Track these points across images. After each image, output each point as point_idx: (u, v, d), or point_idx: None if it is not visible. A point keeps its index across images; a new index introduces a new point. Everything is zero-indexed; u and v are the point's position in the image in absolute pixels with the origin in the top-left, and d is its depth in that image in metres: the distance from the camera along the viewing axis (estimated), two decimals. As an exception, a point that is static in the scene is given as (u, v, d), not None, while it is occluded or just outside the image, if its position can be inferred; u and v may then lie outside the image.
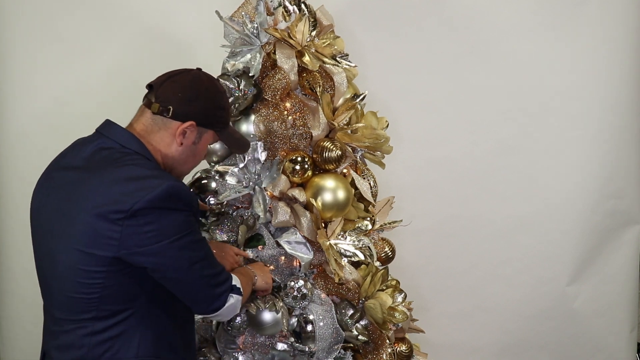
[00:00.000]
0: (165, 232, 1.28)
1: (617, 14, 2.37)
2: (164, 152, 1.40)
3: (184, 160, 1.44)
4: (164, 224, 1.28)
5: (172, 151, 1.41)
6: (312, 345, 1.69)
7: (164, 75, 1.44)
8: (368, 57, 2.19)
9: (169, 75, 1.43)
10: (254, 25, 1.66)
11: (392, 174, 2.06)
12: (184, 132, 1.39)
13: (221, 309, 1.38)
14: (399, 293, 1.80)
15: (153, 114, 1.38)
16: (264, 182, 1.66)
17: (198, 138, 1.43)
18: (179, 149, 1.41)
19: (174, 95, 1.38)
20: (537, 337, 2.57)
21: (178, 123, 1.38)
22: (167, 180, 1.29)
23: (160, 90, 1.39)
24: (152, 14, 2.31)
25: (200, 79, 1.43)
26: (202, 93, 1.41)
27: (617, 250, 2.57)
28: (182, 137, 1.39)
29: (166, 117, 1.38)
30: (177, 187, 1.30)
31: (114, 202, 1.24)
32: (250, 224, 1.67)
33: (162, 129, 1.39)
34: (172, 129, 1.39)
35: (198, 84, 1.41)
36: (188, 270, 1.31)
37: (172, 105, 1.37)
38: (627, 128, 2.49)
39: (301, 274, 1.73)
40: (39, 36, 2.28)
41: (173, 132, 1.39)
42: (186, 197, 1.32)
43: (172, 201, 1.28)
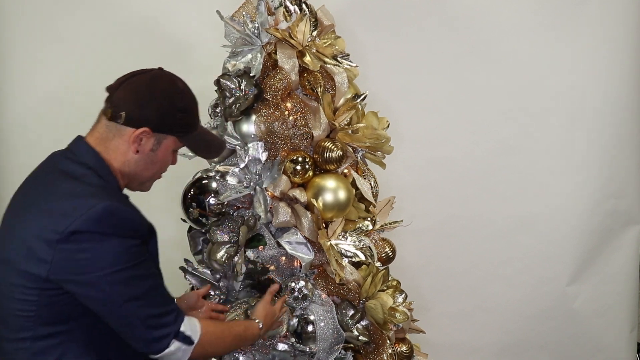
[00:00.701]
0: (100, 262, 1.17)
1: (617, 14, 2.37)
2: (122, 160, 1.31)
3: (143, 168, 1.35)
4: (100, 252, 1.18)
5: (128, 159, 1.32)
6: (312, 346, 1.69)
7: (121, 78, 1.35)
8: (369, 57, 2.18)
9: (126, 77, 1.34)
10: (255, 25, 1.66)
11: (393, 174, 2.06)
12: (139, 139, 1.30)
13: (161, 353, 1.26)
14: (400, 293, 1.80)
15: (107, 120, 1.30)
16: (265, 183, 1.66)
17: (156, 145, 1.33)
18: (135, 157, 1.32)
19: (127, 100, 1.29)
20: (537, 337, 2.58)
21: (131, 130, 1.29)
22: (104, 200, 1.19)
23: (115, 94, 1.31)
24: (152, 14, 2.31)
25: (157, 80, 1.33)
26: (157, 95, 1.31)
27: (617, 250, 2.57)
28: (137, 144, 1.30)
29: (119, 124, 1.29)
30: (114, 209, 1.20)
31: (50, 221, 1.17)
32: (251, 224, 1.67)
33: (117, 136, 1.30)
34: (126, 135, 1.30)
35: (154, 85, 1.32)
36: (121, 307, 1.20)
37: (124, 111, 1.28)
38: (627, 128, 2.49)
39: (302, 275, 1.73)
40: (39, 36, 2.28)
41: (127, 140, 1.30)
42: (127, 220, 1.22)
43: (110, 225, 1.18)
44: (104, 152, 1.30)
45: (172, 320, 1.27)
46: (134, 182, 1.38)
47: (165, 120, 1.32)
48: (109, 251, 1.19)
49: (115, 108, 1.29)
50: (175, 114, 1.33)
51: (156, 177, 1.42)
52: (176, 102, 1.34)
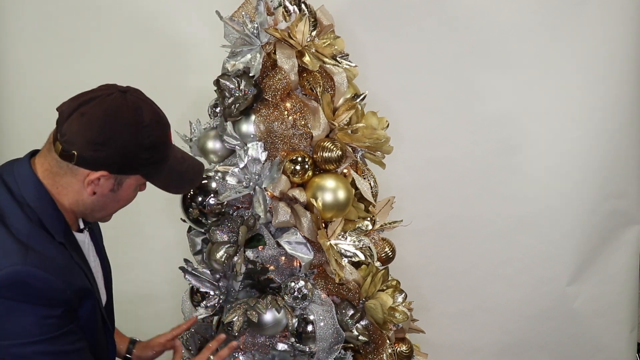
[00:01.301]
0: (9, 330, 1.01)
1: (617, 14, 2.37)
2: (74, 198, 1.13)
3: (101, 207, 1.18)
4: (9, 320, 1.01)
5: (83, 199, 1.14)
6: (312, 346, 1.69)
7: (75, 101, 1.11)
8: (368, 57, 2.18)
9: (79, 102, 1.10)
10: (254, 25, 1.66)
11: (393, 174, 2.06)
12: (97, 181, 1.11)
13: None
14: (400, 293, 1.80)
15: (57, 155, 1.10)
16: (265, 183, 1.66)
17: (117, 186, 1.15)
18: (91, 198, 1.14)
19: (80, 136, 1.07)
20: (537, 337, 2.57)
21: (86, 171, 1.10)
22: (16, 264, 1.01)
23: (65, 125, 1.09)
24: (152, 14, 2.31)
25: (117, 112, 1.09)
26: (117, 132, 1.08)
27: (617, 250, 2.57)
28: (93, 186, 1.12)
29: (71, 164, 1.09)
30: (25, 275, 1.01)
31: None
32: (251, 224, 1.67)
33: (68, 173, 1.11)
34: (79, 176, 1.11)
35: (112, 120, 1.08)
36: None
37: (76, 150, 1.07)
38: (627, 128, 2.49)
39: (301, 274, 1.73)
40: (39, 36, 2.28)
41: (81, 180, 1.11)
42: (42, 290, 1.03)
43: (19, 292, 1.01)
44: (52, 186, 1.12)
45: None
46: (91, 217, 1.22)
47: (127, 161, 1.12)
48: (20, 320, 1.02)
49: (66, 144, 1.08)
50: (140, 153, 1.12)
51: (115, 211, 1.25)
52: (140, 139, 1.11)
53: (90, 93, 1.13)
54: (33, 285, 1.03)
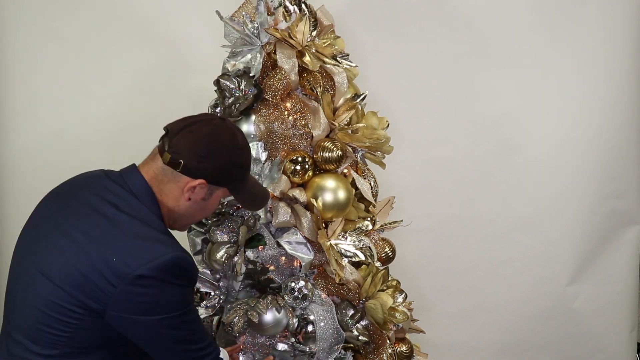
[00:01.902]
0: (159, 307, 1.21)
1: (617, 14, 2.37)
2: (173, 204, 1.33)
3: (191, 214, 1.37)
4: (161, 298, 1.21)
5: (179, 204, 1.33)
6: (312, 346, 1.69)
7: (184, 121, 1.34)
8: (369, 57, 2.18)
9: (188, 122, 1.33)
10: (255, 25, 1.66)
11: (393, 174, 2.06)
12: (193, 189, 1.31)
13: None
14: (400, 293, 1.80)
15: (164, 164, 1.30)
16: (265, 183, 1.66)
17: (208, 195, 1.35)
18: (186, 203, 1.33)
19: (187, 149, 1.28)
20: (537, 337, 2.57)
21: (188, 179, 1.30)
22: (173, 250, 1.22)
23: (175, 139, 1.29)
24: (152, 14, 2.30)
25: (219, 133, 1.32)
26: (218, 150, 1.31)
27: (617, 250, 2.57)
28: (190, 193, 1.31)
29: (176, 171, 1.29)
30: (183, 260, 1.23)
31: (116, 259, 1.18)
32: (251, 224, 1.67)
33: (172, 181, 1.30)
34: (181, 182, 1.30)
35: (216, 138, 1.31)
36: (169, 347, 1.26)
37: (183, 160, 1.27)
38: (627, 128, 2.49)
39: (302, 275, 1.73)
40: (39, 36, 2.28)
41: (182, 187, 1.30)
42: (190, 272, 1.27)
43: (176, 275, 1.22)
44: (158, 192, 1.31)
45: (212, 351, 1.35)
46: (178, 224, 1.40)
47: (221, 174, 1.32)
48: (169, 298, 1.22)
49: (174, 155, 1.28)
50: (232, 169, 1.34)
51: (198, 221, 1.48)
52: (235, 157, 1.34)
53: (196, 117, 1.35)
54: (187, 270, 1.25)
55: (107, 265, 1.18)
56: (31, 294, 1.23)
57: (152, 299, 1.20)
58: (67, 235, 1.23)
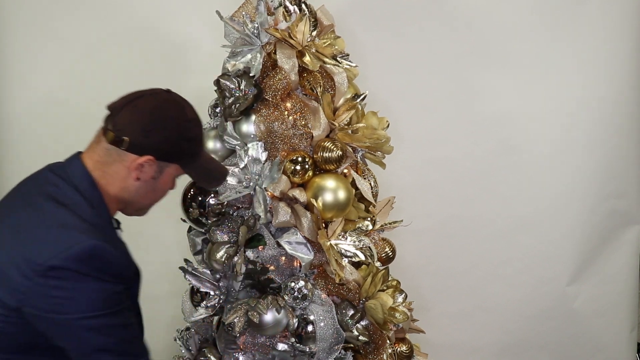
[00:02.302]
0: (74, 304, 1.10)
1: (617, 14, 2.37)
2: (120, 186, 1.24)
3: (142, 195, 1.29)
4: (77, 293, 1.10)
5: (127, 186, 1.25)
6: (312, 346, 1.69)
7: (125, 98, 1.26)
8: (369, 57, 2.18)
9: (131, 98, 1.25)
10: (255, 25, 1.66)
11: (393, 174, 2.06)
12: (141, 167, 1.23)
13: None
14: (400, 293, 1.80)
15: (108, 144, 1.22)
16: (265, 183, 1.66)
17: (158, 173, 1.26)
18: (135, 183, 1.25)
19: (132, 125, 1.21)
20: (537, 337, 2.57)
21: (134, 156, 1.22)
22: (91, 239, 1.12)
23: (118, 116, 1.22)
24: (152, 14, 2.30)
25: (165, 106, 1.25)
26: (164, 123, 1.23)
27: (617, 250, 2.57)
28: (138, 171, 1.24)
29: (121, 149, 1.21)
30: (101, 250, 1.12)
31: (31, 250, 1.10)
32: (251, 224, 1.67)
33: (117, 161, 1.23)
34: (127, 161, 1.22)
35: (161, 111, 1.24)
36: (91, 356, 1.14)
37: (128, 136, 1.20)
38: (627, 128, 2.49)
39: (302, 275, 1.73)
40: (39, 36, 2.28)
41: (128, 166, 1.23)
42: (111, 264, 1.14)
43: (93, 266, 1.11)
44: (100, 177, 1.24)
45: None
46: (130, 208, 1.32)
47: (170, 149, 1.25)
48: (87, 294, 1.11)
49: (118, 132, 1.21)
50: (181, 143, 1.27)
51: (153, 204, 1.36)
52: (184, 130, 1.27)
53: (139, 92, 1.27)
54: (106, 260, 1.13)
55: (24, 258, 1.10)
56: None
57: (67, 293, 1.09)
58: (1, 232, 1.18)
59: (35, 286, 1.09)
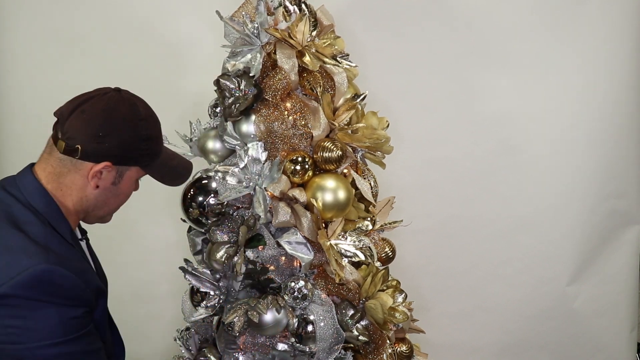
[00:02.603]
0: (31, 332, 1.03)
1: (617, 14, 2.37)
2: (78, 196, 1.19)
3: (103, 202, 1.23)
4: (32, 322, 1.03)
5: (86, 195, 1.19)
6: (312, 346, 1.69)
7: (72, 102, 1.19)
8: (369, 57, 2.18)
9: (78, 102, 1.18)
10: (255, 25, 1.66)
11: (393, 174, 2.06)
12: (99, 174, 1.18)
13: None
14: (400, 293, 1.80)
15: (60, 153, 1.16)
16: (265, 183, 1.66)
17: (118, 178, 1.21)
18: (94, 192, 1.20)
19: (82, 131, 1.15)
20: (537, 337, 2.57)
21: (90, 164, 1.16)
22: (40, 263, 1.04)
23: (67, 123, 1.16)
24: (152, 14, 2.31)
25: (116, 107, 1.18)
26: (117, 125, 1.17)
27: (617, 250, 2.57)
28: (96, 179, 1.18)
29: (75, 159, 1.16)
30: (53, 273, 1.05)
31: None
32: (251, 224, 1.67)
33: (72, 171, 1.17)
34: (84, 170, 1.17)
35: (112, 113, 1.17)
36: None
37: (80, 144, 1.14)
38: (627, 128, 2.49)
39: (301, 274, 1.73)
40: (39, 36, 2.28)
41: (85, 174, 1.17)
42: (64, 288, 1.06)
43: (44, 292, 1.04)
44: (56, 189, 1.18)
45: None
46: (92, 217, 1.27)
47: (127, 152, 1.19)
48: (43, 321, 1.05)
49: (69, 140, 1.15)
50: (138, 144, 1.21)
51: (116, 209, 1.30)
52: (139, 131, 1.20)
53: (86, 94, 1.20)
54: (58, 284, 1.06)
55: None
56: None
57: (21, 322, 1.03)
58: None
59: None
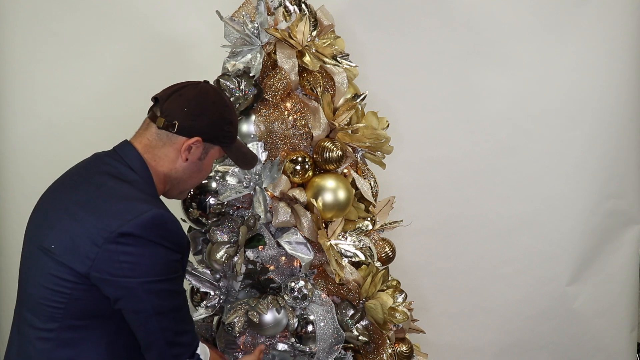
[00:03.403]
0: (141, 268, 1.20)
1: (617, 14, 2.37)
2: (169, 167, 1.36)
3: (189, 176, 1.40)
4: (143, 258, 1.20)
5: (176, 167, 1.36)
6: (312, 346, 1.69)
7: (170, 88, 1.39)
8: (368, 57, 2.19)
9: (175, 88, 1.38)
10: (255, 25, 1.66)
11: (393, 174, 2.06)
12: (190, 148, 1.35)
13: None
14: (400, 293, 1.80)
15: (158, 129, 1.34)
16: (265, 183, 1.66)
17: (204, 154, 1.39)
18: (183, 164, 1.37)
19: (180, 110, 1.33)
20: (537, 337, 2.57)
21: (183, 139, 1.34)
22: (156, 208, 1.23)
23: (166, 104, 1.34)
24: (152, 14, 2.31)
25: (207, 93, 1.38)
26: (208, 107, 1.36)
27: (617, 250, 2.57)
28: (187, 152, 1.35)
29: (171, 132, 1.33)
30: (168, 219, 1.24)
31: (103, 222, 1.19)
32: (251, 224, 1.67)
33: (167, 144, 1.34)
34: (177, 144, 1.34)
35: (205, 98, 1.37)
36: (150, 318, 1.22)
37: (177, 120, 1.32)
38: (626, 128, 2.49)
39: (302, 275, 1.73)
40: (39, 36, 2.28)
41: (178, 148, 1.34)
42: (174, 233, 1.25)
43: (158, 234, 1.21)
44: (151, 159, 1.34)
45: (190, 341, 1.31)
46: (175, 190, 1.42)
47: (214, 131, 1.37)
48: (152, 259, 1.21)
49: (168, 117, 1.32)
50: (224, 126, 1.39)
51: (196, 185, 1.47)
52: (225, 114, 1.39)
53: (181, 83, 1.39)
54: (169, 228, 1.23)
55: (96, 228, 1.19)
56: (32, 271, 1.27)
57: (134, 258, 1.19)
58: (63, 209, 1.26)
59: (105, 252, 1.18)
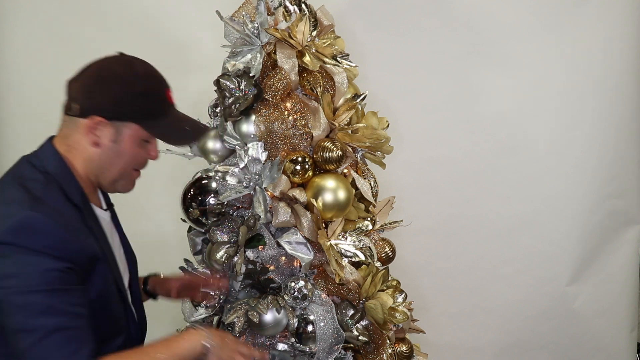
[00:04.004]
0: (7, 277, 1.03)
1: (617, 14, 2.37)
2: (83, 157, 1.21)
3: (109, 163, 1.23)
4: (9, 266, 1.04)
5: (90, 155, 1.21)
6: (312, 346, 1.69)
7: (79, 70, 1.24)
8: (369, 57, 2.18)
9: (82, 69, 1.24)
10: (255, 25, 1.66)
11: (393, 174, 2.06)
12: (93, 129, 1.19)
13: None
14: (400, 293, 1.80)
15: (65, 115, 1.21)
16: (265, 183, 1.66)
17: (116, 135, 1.21)
18: (96, 151, 1.21)
19: (79, 90, 1.19)
20: (537, 337, 2.58)
21: (85, 121, 1.18)
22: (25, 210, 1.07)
23: (71, 86, 1.22)
24: (152, 14, 2.31)
25: (109, 65, 1.22)
26: (108, 81, 1.19)
27: (617, 250, 2.57)
28: (92, 135, 1.19)
29: (74, 117, 1.19)
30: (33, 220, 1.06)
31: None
32: (251, 224, 1.67)
33: (74, 130, 1.20)
34: (81, 128, 1.19)
35: (105, 72, 1.21)
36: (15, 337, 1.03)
37: (76, 101, 1.18)
38: (627, 128, 2.49)
39: (302, 275, 1.73)
40: (39, 36, 2.28)
41: (83, 132, 1.19)
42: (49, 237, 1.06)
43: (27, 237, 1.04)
44: (66, 152, 1.21)
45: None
46: (104, 181, 1.26)
47: (120, 106, 1.20)
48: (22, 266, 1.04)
49: (70, 100, 1.20)
50: (134, 100, 1.21)
51: (129, 173, 1.29)
52: (134, 86, 1.22)
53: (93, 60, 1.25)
54: (40, 231, 1.06)
55: None
56: None
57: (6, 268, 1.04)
58: None
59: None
